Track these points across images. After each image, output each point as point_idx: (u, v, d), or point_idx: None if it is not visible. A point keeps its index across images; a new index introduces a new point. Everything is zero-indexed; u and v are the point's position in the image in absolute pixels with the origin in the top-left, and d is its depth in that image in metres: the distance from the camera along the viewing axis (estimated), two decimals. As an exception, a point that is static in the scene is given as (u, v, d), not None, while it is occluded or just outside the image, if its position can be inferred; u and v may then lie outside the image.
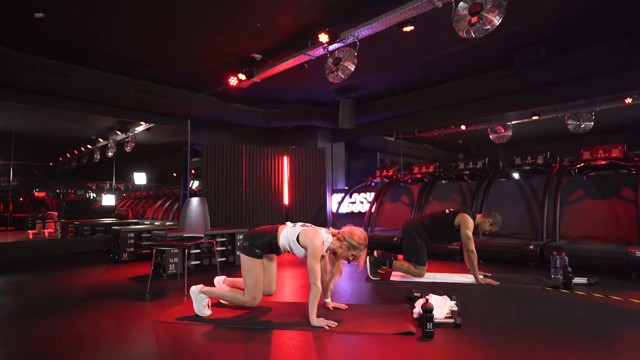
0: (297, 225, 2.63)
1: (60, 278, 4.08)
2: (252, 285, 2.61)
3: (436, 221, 3.78)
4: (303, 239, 2.51)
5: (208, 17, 4.36)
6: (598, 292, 3.16)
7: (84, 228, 6.61)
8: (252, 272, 2.62)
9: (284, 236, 2.61)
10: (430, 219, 3.84)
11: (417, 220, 3.88)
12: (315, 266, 2.40)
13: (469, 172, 6.14)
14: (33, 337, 2.29)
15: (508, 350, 1.99)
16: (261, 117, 7.84)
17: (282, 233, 2.63)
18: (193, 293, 2.65)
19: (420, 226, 3.80)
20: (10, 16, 4.26)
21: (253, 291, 2.61)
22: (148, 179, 8.62)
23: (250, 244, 2.64)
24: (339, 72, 4.71)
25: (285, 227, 2.66)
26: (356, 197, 7.61)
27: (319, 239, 2.47)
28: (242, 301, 2.63)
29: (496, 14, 3.44)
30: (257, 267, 2.63)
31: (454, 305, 2.57)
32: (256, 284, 2.61)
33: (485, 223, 3.65)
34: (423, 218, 3.91)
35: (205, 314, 2.61)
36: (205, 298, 2.63)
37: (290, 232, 2.59)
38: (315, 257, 2.42)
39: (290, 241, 2.57)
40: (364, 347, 2.08)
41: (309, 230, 2.54)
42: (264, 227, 2.77)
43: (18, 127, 6.00)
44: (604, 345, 2.06)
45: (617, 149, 4.70)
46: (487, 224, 3.65)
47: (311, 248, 2.44)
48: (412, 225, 3.85)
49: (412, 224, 3.86)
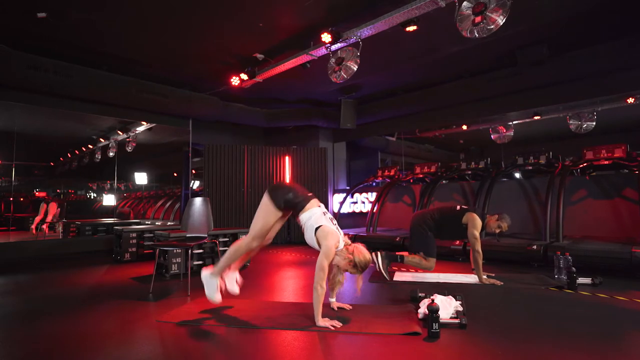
0: (326, 216, 2.57)
1: (62, 278, 4.07)
2: (260, 228, 2.62)
3: (445, 216, 3.77)
4: (321, 234, 2.47)
5: (210, 17, 4.35)
6: (603, 292, 3.15)
7: (85, 228, 6.60)
8: (266, 217, 2.62)
9: (308, 214, 2.56)
10: (439, 213, 3.83)
11: (427, 214, 3.88)
12: (325, 266, 2.39)
13: (471, 172, 6.13)
14: (36, 338, 2.28)
15: (515, 351, 1.98)
16: (263, 117, 7.83)
17: (308, 210, 2.57)
18: (204, 278, 2.66)
19: (430, 219, 3.80)
20: (12, 16, 4.25)
21: (256, 234, 2.63)
22: (149, 179, 8.60)
23: (282, 193, 2.62)
24: (342, 72, 4.70)
25: (315, 208, 2.58)
26: (358, 197, 7.60)
27: (334, 241, 2.45)
28: (242, 247, 2.65)
29: (500, 13, 3.43)
30: (272, 215, 2.62)
31: (459, 305, 2.57)
32: (263, 228, 2.62)
33: (495, 224, 3.66)
34: (432, 211, 3.90)
35: (216, 299, 2.62)
36: (216, 282, 2.64)
37: (315, 217, 2.53)
38: (328, 257, 2.41)
39: (309, 225, 2.53)
40: (370, 347, 2.07)
41: (330, 228, 2.49)
42: (303, 190, 2.71)
43: (20, 127, 5.98)
44: (610, 345, 2.05)
45: (620, 149, 4.69)
46: (495, 222, 3.66)
47: (326, 247, 2.42)
48: (422, 218, 3.85)
49: (422, 217, 3.86)
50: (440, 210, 3.87)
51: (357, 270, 2.49)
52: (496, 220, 3.66)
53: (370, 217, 6.38)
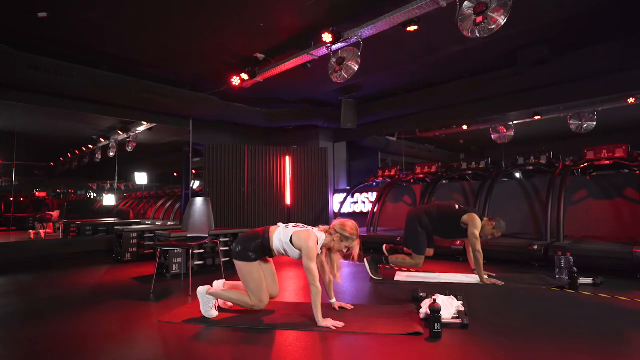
0: (290, 227, 2.58)
1: (63, 278, 4.07)
2: (256, 288, 2.56)
3: (444, 214, 3.75)
4: (297, 240, 2.47)
5: (211, 17, 4.35)
6: (604, 292, 3.15)
7: (86, 228, 6.59)
8: (251, 276, 2.56)
9: (277, 238, 2.55)
10: (437, 210, 3.80)
11: (422, 210, 3.86)
12: (311, 267, 2.38)
13: (471, 172, 6.13)
14: (37, 338, 2.28)
15: (517, 351, 1.98)
16: (263, 117, 7.83)
17: (274, 235, 2.57)
18: (200, 294, 2.62)
19: (425, 216, 3.78)
20: (13, 16, 4.24)
21: (258, 294, 2.56)
22: (149, 179, 8.60)
23: (243, 248, 2.57)
24: (343, 72, 4.70)
25: (277, 229, 2.60)
26: (358, 197, 7.60)
27: (313, 239, 2.45)
28: (249, 304, 2.57)
29: (501, 13, 3.43)
30: (255, 270, 2.57)
31: (461, 305, 2.56)
32: (259, 286, 2.56)
33: (489, 227, 3.62)
34: (429, 208, 3.87)
35: (212, 315, 2.59)
36: (212, 299, 2.61)
37: (283, 234, 2.54)
38: (311, 257, 2.40)
39: (284, 243, 2.52)
40: (372, 347, 2.07)
41: (301, 231, 2.50)
42: (254, 229, 2.70)
43: (20, 127, 5.98)
44: (612, 345, 2.05)
45: (621, 149, 4.69)
46: (490, 227, 3.61)
47: (305, 249, 2.41)
48: (417, 215, 3.84)
49: (417, 214, 3.84)
50: (439, 207, 3.84)
51: (351, 239, 2.53)
52: (492, 228, 3.59)
53: (370, 217, 6.38)
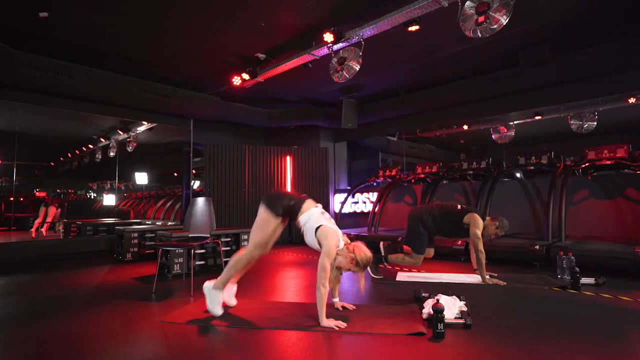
0: (325, 215, 2.60)
1: (64, 278, 4.07)
2: (260, 239, 2.62)
3: (446, 214, 3.75)
4: (321, 234, 2.48)
5: (212, 17, 4.34)
6: (606, 292, 3.15)
7: (86, 228, 6.59)
8: (264, 227, 2.61)
9: (306, 216, 2.58)
10: (439, 210, 3.80)
11: (425, 210, 3.86)
12: (327, 265, 2.38)
13: (472, 172, 6.13)
14: (39, 338, 2.28)
15: (521, 351, 1.97)
16: (264, 117, 7.82)
17: (306, 212, 2.59)
18: (207, 289, 2.65)
19: (428, 216, 3.78)
20: (14, 15, 4.24)
21: (258, 244, 2.62)
22: (149, 179, 8.59)
23: (279, 201, 2.63)
24: (344, 72, 4.70)
25: (313, 208, 2.61)
26: (359, 197, 7.60)
27: (336, 241, 2.46)
28: (244, 258, 2.64)
29: (503, 13, 3.43)
30: (271, 225, 2.62)
31: (464, 305, 2.56)
32: (263, 239, 2.62)
33: (492, 227, 3.62)
34: (431, 208, 3.87)
35: (217, 312, 2.60)
36: (219, 295, 2.63)
37: (314, 218, 2.55)
38: (330, 256, 2.41)
39: (309, 227, 2.54)
40: (375, 347, 2.06)
41: (330, 228, 2.50)
42: (292, 193, 2.76)
43: (21, 126, 5.97)
44: (615, 345, 2.05)
45: (622, 149, 4.69)
46: (493, 227, 3.62)
47: (327, 247, 2.42)
48: (419, 214, 3.84)
49: (419, 214, 3.84)
50: (441, 207, 3.84)
51: (359, 268, 2.51)
52: (495, 227, 3.59)
53: (371, 217, 6.38)
